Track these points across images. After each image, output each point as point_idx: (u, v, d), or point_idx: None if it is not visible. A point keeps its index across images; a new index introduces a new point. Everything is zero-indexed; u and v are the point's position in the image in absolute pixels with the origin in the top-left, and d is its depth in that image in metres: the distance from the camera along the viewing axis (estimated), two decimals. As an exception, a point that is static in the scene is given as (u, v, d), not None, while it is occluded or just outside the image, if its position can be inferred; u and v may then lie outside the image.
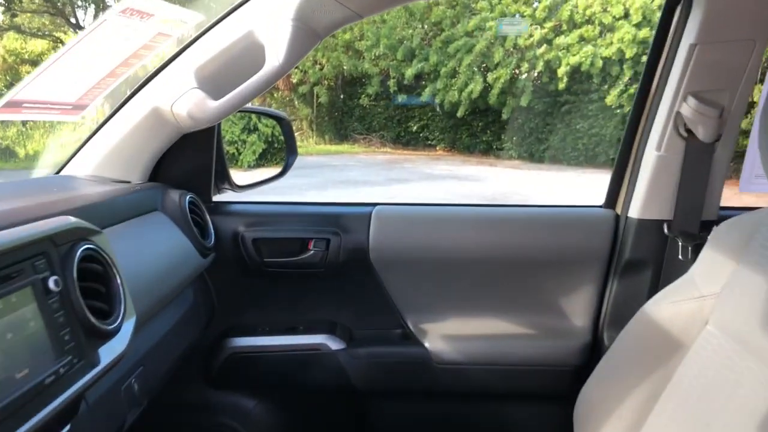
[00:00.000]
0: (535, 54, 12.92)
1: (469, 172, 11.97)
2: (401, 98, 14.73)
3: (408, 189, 9.77)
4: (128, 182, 1.42)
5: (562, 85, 12.65)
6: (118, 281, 0.92)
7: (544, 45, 12.87)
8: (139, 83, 1.35)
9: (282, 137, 1.85)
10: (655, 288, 1.60)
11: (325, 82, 15.40)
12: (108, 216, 1.14)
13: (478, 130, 14.40)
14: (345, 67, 14.90)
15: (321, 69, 15.00)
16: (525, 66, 13.15)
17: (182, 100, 1.30)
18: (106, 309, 0.89)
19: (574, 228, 1.70)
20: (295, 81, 15.35)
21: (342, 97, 15.84)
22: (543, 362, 1.69)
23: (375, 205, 1.75)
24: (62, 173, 1.41)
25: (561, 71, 12.59)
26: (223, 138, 1.77)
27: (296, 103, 15.87)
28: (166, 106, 1.32)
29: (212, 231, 1.56)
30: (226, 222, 1.69)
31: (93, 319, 0.85)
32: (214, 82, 1.30)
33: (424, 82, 14.41)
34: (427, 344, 1.72)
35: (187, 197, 1.46)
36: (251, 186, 1.80)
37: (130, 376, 1.12)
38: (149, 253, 1.20)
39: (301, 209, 1.77)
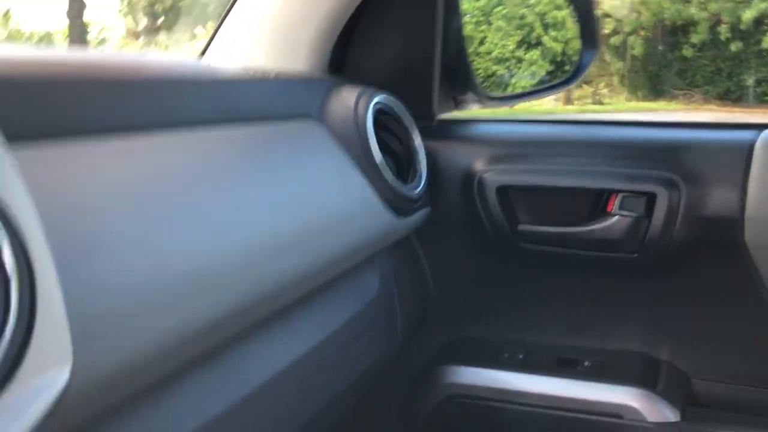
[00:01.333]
0: None
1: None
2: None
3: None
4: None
5: None
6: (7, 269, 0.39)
7: None
8: None
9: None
10: None
11: (642, 32, 14.03)
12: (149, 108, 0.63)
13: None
14: (666, 14, 13.37)
15: (638, 17, 13.67)
16: None
17: None
18: None
19: None
20: (607, 32, 14.17)
21: (660, 48, 14.28)
22: None
23: (763, 127, 0.95)
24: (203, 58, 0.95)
25: None
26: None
27: (606, 56, 14.68)
28: None
29: (423, 169, 0.95)
30: (456, 154, 1.04)
31: None
32: None
33: (765, 27, 12.19)
34: None
35: (374, 99, 0.88)
36: (514, 98, 1.17)
37: None
38: (237, 198, 0.67)
39: (597, 133, 1.06)
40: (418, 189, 0.93)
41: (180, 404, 0.61)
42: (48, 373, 0.39)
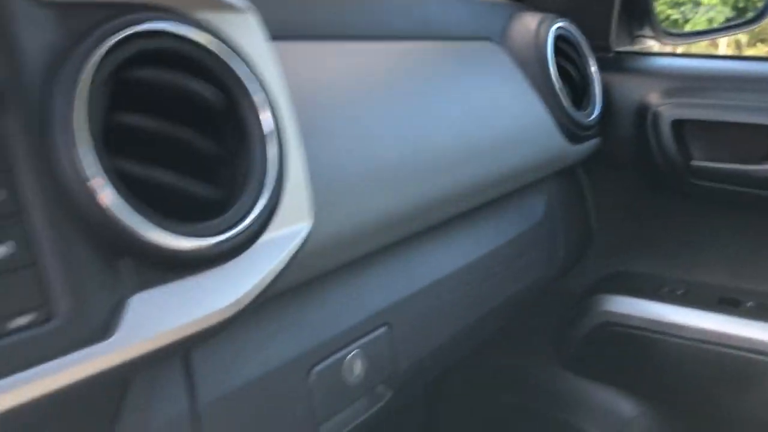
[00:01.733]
0: None
1: None
2: None
3: None
4: None
5: None
6: (267, 122, 0.47)
7: None
8: None
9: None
10: None
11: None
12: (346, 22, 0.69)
13: None
14: None
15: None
16: None
17: None
18: (212, 196, 0.46)
19: None
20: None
21: None
22: None
23: None
24: None
25: None
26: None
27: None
28: None
29: (598, 98, 0.97)
30: (631, 86, 1.04)
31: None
32: None
33: None
34: None
35: (555, 25, 0.91)
36: (692, 35, 1.15)
37: (342, 347, 0.65)
38: (427, 106, 0.73)
39: None
40: (592, 117, 0.96)
41: (373, 283, 0.70)
42: (294, 226, 0.49)
